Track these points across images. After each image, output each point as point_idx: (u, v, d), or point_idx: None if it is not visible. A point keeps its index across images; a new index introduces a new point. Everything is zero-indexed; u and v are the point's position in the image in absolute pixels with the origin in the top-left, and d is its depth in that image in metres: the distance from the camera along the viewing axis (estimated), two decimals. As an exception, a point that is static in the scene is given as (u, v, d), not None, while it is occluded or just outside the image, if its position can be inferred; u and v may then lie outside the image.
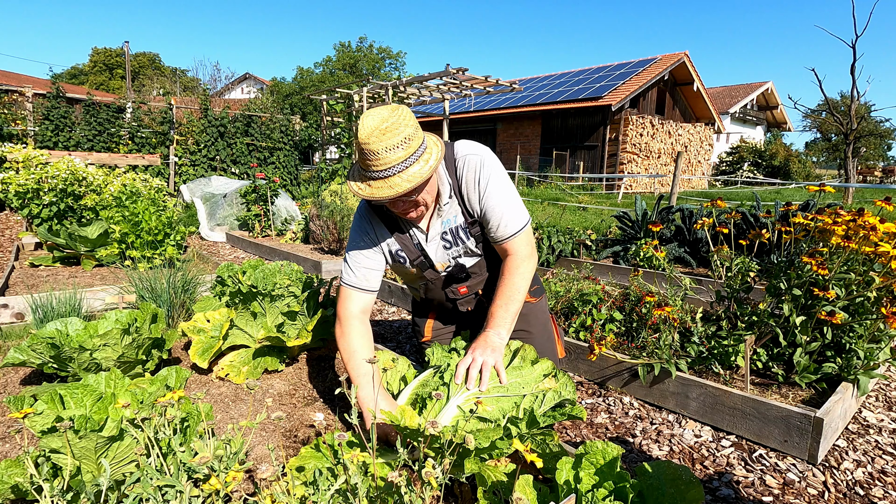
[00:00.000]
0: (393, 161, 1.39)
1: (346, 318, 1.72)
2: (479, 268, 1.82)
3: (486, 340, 1.56)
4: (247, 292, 2.23)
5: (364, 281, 1.74)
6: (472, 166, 1.65)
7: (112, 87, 37.38)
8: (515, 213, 1.68)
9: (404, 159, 1.40)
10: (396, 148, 1.39)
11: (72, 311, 2.76)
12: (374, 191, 1.43)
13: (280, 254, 5.52)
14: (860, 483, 1.68)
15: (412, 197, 1.52)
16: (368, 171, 1.42)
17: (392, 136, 1.38)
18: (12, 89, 10.47)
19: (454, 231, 1.72)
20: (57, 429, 1.16)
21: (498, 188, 1.66)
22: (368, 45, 37.50)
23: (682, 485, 1.12)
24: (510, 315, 1.61)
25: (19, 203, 4.87)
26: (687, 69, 19.63)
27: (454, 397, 1.48)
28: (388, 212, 1.70)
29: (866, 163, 33.51)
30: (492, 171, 1.66)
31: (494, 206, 1.65)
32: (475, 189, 1.66)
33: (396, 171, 1.41)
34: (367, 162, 1.41)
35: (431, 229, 1.71)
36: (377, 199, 1.46)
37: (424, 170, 1.44)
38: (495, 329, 1.58)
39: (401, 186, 1.41)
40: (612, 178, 17.00)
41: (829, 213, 2.03)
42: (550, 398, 1.53)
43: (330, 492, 1.10)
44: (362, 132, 1.40)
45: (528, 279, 1.67)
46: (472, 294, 1.87)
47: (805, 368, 2.07)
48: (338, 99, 11.35)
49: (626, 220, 5.12)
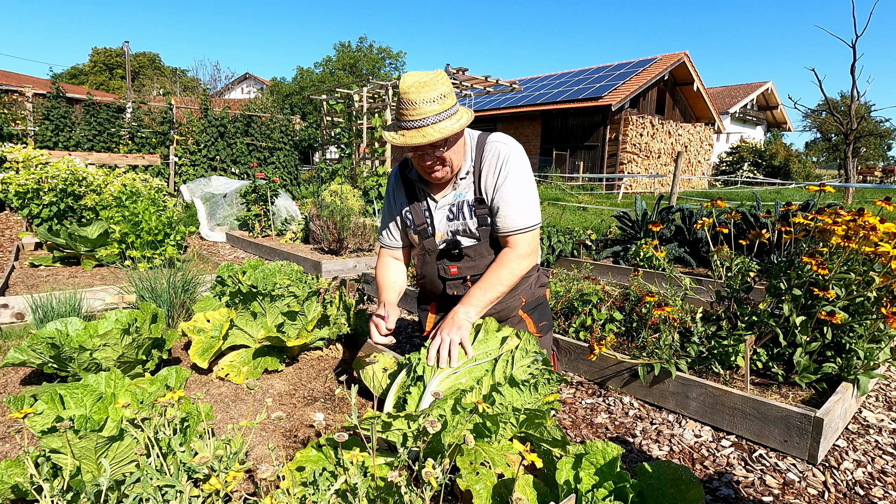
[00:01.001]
0: (429, 112, 1.55)
1: (381, 264, 2.03)
2: (473, 252, 1.85)
3: (452, 319, 1.64)
4: (247, 292, 2.23)
5: (389, 240, 2.01)
6: (497, 153, 1.76)
7: (112, 87, 37.38)
8: (526, 211, 1.75)
9: (438, 112, 1.56)
10: (433, 101, 1.55)
11: (72, 311, 2.76)
12: (408, 139, 1.57)
13: (280, 254, 5.52)
14: (860, 483, 1.68)
15: (441, 151, 1.64)
16: (404, 120, 1.57)
17: (430, 91, 1.55)
18: (12, 89, 10.47)
19: (460, 205, 1.82)
20: (57, 429, 1.16)
21: (516, 182, 1.75)
22: (368, 45, 37.53)
23: (682, 485, 1.12)
24: (485, 299, 1.70)
25: (19, 203, 4.87)
26: (687, 69, 19.63)
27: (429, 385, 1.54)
28: (411, 181, 1.87)
29: (866, 163, 33.51)
30: (515, 165, 1.76)
31: (507, 197, 1.74)
32: (494, 175, 1.75)
33: (430, 122, 1.56)
34: (405, 111, 1.56)
35: (443, 199, 1.84)
36: (409, 146, 1.59)
37: (455, 126, 1.59)
38: (465, 307, 1.67)
39: (432, 136, 1.55)
40: (612, 178, 17.00)
41: (829, 213, 2.03)
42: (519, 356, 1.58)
43: (330, 492, 1.10)
44: (404, 83, 1.55)
45: (516, 275, 1.74)
46: (461, 277, 1.90)
47: (805, 368, 2.07)
48: (338, 99, 11.35)
49: (626, 220, 5.12)
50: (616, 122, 17.87)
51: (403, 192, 1.92)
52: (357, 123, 10.56)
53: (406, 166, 1.92)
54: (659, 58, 19.67)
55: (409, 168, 1.89)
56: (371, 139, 10.03)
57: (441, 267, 1.90)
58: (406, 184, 1.91)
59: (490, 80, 9.82)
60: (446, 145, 1.65)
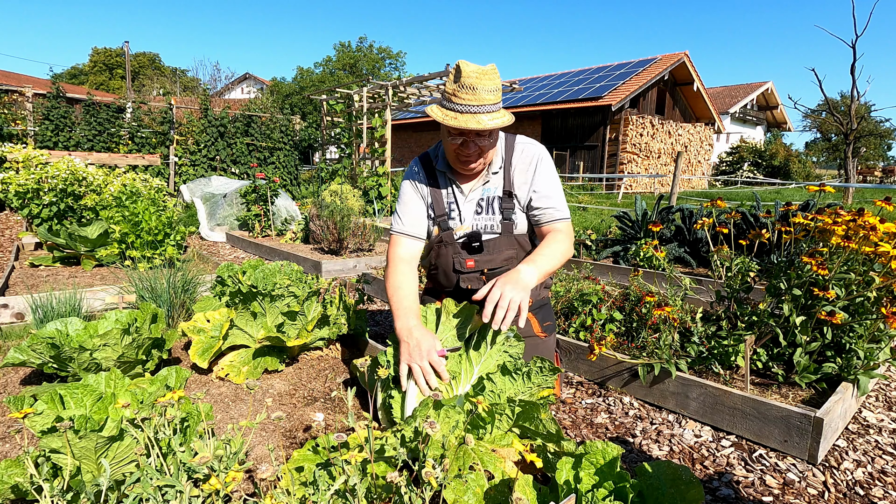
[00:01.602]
0: (487, 101, 1.62)
1: (392, 261, 1.89)
2: (493, 245, 1.87)
3: (516, 276, 1.56)
4: (247, 292, 2.23)
5: (409, 227, 1.91)
6: (530, 152, 1.86)
7: (112, 87, 37.38)
8: (564, 203, 1.85)
9: (494, 103, 1.64)
10: (491, 92, 1.62)
11: (72, 311, 2.76)
12: (461, 122, 1.61)
13: (280, 254, 5.52)
14: (860, 483, 1.68)
15: (487, 140, 1.70)
16: (460, 104, 1.61)
17: (490, 81, 1.62)
18: (12, 89, 10.47)
19: (490, 200, 1.87)
20: (57, 429, 1.16)
21: (551, 175, 1.86)
22: (368, 45, 37.52)
23: (682, 485, 1.12)
24: (548, 266, 1.68)
25: (19, 203, 4.87)
26: (687, 69, 19.62)
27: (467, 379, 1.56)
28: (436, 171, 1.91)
29: (866, 163, 33.51)
30: (549, 162, 1.88)
31: (547, 190, 1.83)
32: (527, 171, 1.84)
33: (486, 110, 1.62)
34: (462, 95, 1.61)
35: (472, 192, 1.89)
36: (463, 129, 1.64)
37: (505, 120, 1.69)
38: (529, 266, 1.62)
39: (487, 124, 1.62)
40: (612, 178, 17.00)
41: (829, 213, 2.03)
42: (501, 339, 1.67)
43: (329, 492, 1.10)
44: (466, 68, 1.61)
45: (566, 256, 1.77)
46: (478, 271, 1.90)
47: (805, 368, 2.07)
48: (338, 99, 11.35)
49: (626, 220, 5.12)
50: (616, 122, 17.86)
51: (427, 182, 1.93)
52: (357, 123, 10.55)
53: (429, 158, 1.96)
54: (659, 58, 19.67)
55: (436, 159, 1.93)
56: (371, 139, 10.02)
57: (457, 260, 1.89)
58: (430, 174, 1.93)
59: (490, 80, 9.80)
60: (491, 137, 1.72)
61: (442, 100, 1.70)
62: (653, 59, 19.61)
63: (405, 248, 1.90)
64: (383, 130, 9.69)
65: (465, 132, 1.67)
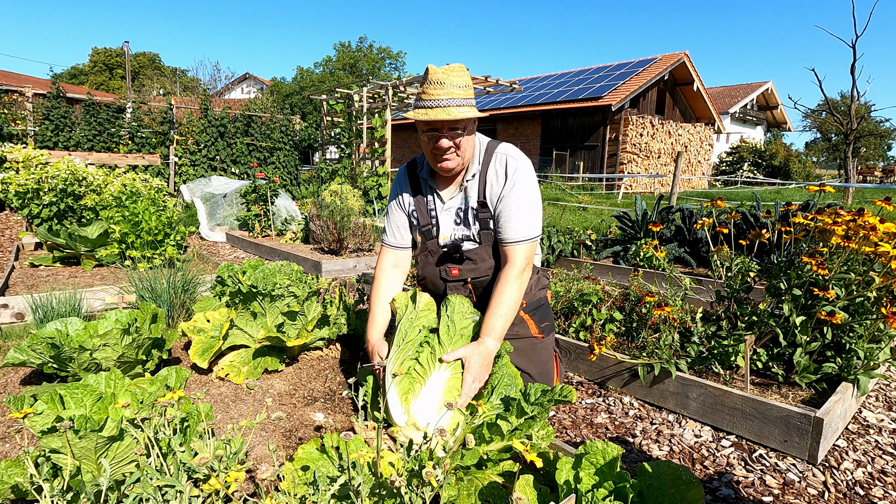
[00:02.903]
0: (455, 94, 1.67)
1: (378, 272, 1.99)
2: (475, 255, 1.88)
3: (485, 361, 1.65)
4: (247, 292, 2.23)
5: (392, 238, 1.99)
6: (505, 163, 1.84)
7: (112, 87, 37.37)
8: (528, 223, 1.79)
9: (463, 97, 1.69)
10: (459, 87, 1.68)
11: (72, 311, 2.76)
12: (432, 115, 1.66)
13: (280, 254, 5.52)
14: (860, 483, 1.68)
15: (461, 135, 1.73)
16: (431, 100, 1.67)
17: (458, 78, 1.69)
18: (12, 89, 10.47)
19: (466, 211, 1.89)
20: (57, 429, 1.16)
21: (521, 193, 1.81)
22: (368, 45, 37.51)
23: (682, 485, 1.12)
24: (505, 326, 1.73)
25: (19, 203, 4.87)
26: (687, 69, 19.62)
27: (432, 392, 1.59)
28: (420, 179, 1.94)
29: (866, 163, 33.50)
30: (522, 177, 1.82)
31: (511, 207, 1.79)
32: (500, 183, 1.83)
33: (455, 103, 1.67)
34: (432, 91, 1.67)
35: (450, 200, 1.90)
36: (433, 121, 1.69)
37: (473, 113, 1.71)
38: (492, 340, 1.69)
39: (456, 115, 1.66)
40: (612, 178, 17.00)
41: (829, 213, 2.03)
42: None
43: (330, 492, 1.10)
44: (433, 67, 1.69)
45: (522, 290, 1.77)
46: (461, 280, 1.92)
47: (805, 368, 2.07)
48: (338, 99, 11.34)
49: (626, 220, 5.12)
50: (616, 122, 17.86)
51: (410, 191, 1.96)
52: (357, 123, 10.55)
53: (416, 165, 1.97)
54: (659, 58, 19.67)
55: (420, 167, 1.95)
56: (371, 139, 10.02)
57: (443, 269, 1.92)
58: (413, 182, 1.96)
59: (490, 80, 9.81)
60: (465, 131, 1.74)
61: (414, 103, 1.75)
62: (653, 59, 19.60)
63: (388, 259, 2.00)
64: (383, 130, 9.69)
65: (437, 125, 1.70)
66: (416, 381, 1.60)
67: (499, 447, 1.43)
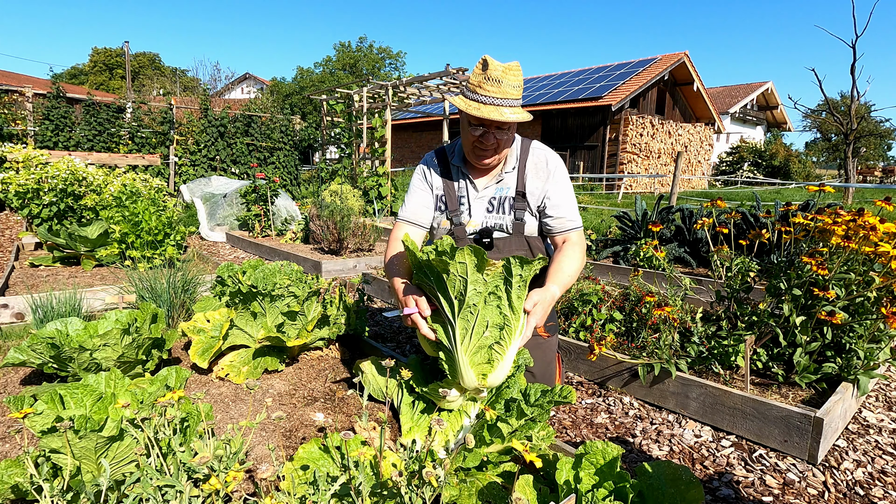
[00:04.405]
0: (510, 95, 1.67)
1: (390, 242, 1.94)
2: (503, 244, 1.90)
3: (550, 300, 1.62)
4: (247, 292, 2.23)
5: (411, 214, 1.96)
6: (546, 158, 1.89)
7: (112, 87, 37.37)
8: (576, 212, 1.88)
9: (517, 98, 1.70)
10: (515, 87, 1.68)
11: (72, 311, 2.76)
12: (485, 113, 1.66)
13: (280, 254, 5.52)
14: (860, 483, 1.68)
15: (505, 134, 1.75)
16: (486, 95, 1.67)
17: (514, 79, 1.68)
18: (12, 89, 10.48)
19: (502, 199, 1.91)
20: (57, 429, 1.16)
21: (565, 184, 1.89)
22: (368, 45, 37.51)
23: (682, 485, 1.12)
24: (568, 284, 1.72)
25: (19, 203, 4.86)
26: (687, 69, 19.61)
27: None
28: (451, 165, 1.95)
29: (866, 163, 33.50)
30: (564, 171, 1.90)
31: (560, 197, 1.86)
32: (541, 176, 1.87)
33: (509, 104, 1.68)
34: (488, 87, 1.66)
35: (485, 189, 1.92)
36: (485, 119, 1.68)
37: (526, 115, 1.73)
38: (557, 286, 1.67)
39: (509, 117, 1.66)
40: (612, 178, 17.00)
41: (829, 213, 2.03)
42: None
43: (330, 491, 1.10)
44: (494, 63, 1.66)
45: (580, 268, 1.80)
46: None
47: (805, 368, 2.07)
48: (338, 99, 11.35)
49: (626, 220, 5.12)
50: (616, 122, 17.86)
51: (440, 174, 1.97)
52: (357, 123, 10.55)
53: (445, 152, 1.99)
54: (659, 58, 19.66)
55: (452, 154, 1.97)
56: (371, 139, 10.02)
57: None
58: (444, 168, 1.96)
59: (490, 80, 9.79)
60: (509, 132, 1.77)
61: (465, 90, 1.74)
62: (653, 59, 19.60)
63: (403, 232, 1.95)
64: (383, 130, 9.69)
65: (487, 123, 1.71)
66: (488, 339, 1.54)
67: (499, 449, 1.43)
